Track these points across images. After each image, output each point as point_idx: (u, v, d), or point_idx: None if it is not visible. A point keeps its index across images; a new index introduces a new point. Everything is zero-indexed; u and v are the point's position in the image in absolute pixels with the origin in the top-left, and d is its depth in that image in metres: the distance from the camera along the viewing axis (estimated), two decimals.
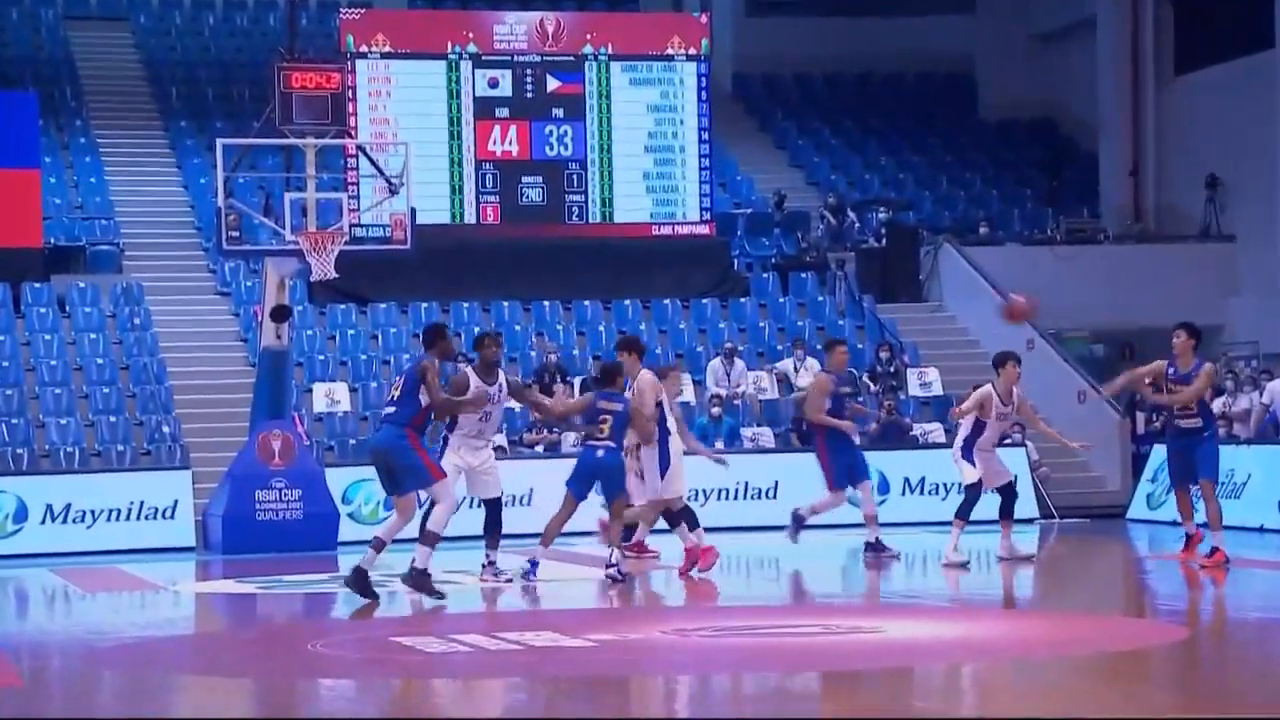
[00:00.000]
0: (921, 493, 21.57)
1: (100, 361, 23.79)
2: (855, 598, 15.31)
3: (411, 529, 14.12)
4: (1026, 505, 21.58)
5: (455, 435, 14.69)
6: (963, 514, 16.16)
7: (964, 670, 10.44)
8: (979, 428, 16.14)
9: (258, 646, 12.30)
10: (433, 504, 13.94)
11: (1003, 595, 15.05)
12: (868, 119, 32.08)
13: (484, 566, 15.08)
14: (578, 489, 15.22)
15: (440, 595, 13.83)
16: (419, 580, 13.81)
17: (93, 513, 20.18)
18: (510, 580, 14.92)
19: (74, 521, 20.13)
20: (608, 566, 15.03)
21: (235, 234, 20.60)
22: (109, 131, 29.25)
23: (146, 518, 20.27)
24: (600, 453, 15.00)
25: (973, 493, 16.19)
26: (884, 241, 27.62)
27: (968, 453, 16.20)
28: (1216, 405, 22.11)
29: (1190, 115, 28.83)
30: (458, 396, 14.27)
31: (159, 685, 10.43)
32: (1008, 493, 16.50)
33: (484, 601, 14.60)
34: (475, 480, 14.84)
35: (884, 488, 21.33)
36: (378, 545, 13.75)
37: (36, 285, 24.95)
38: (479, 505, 15.36)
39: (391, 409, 13.90)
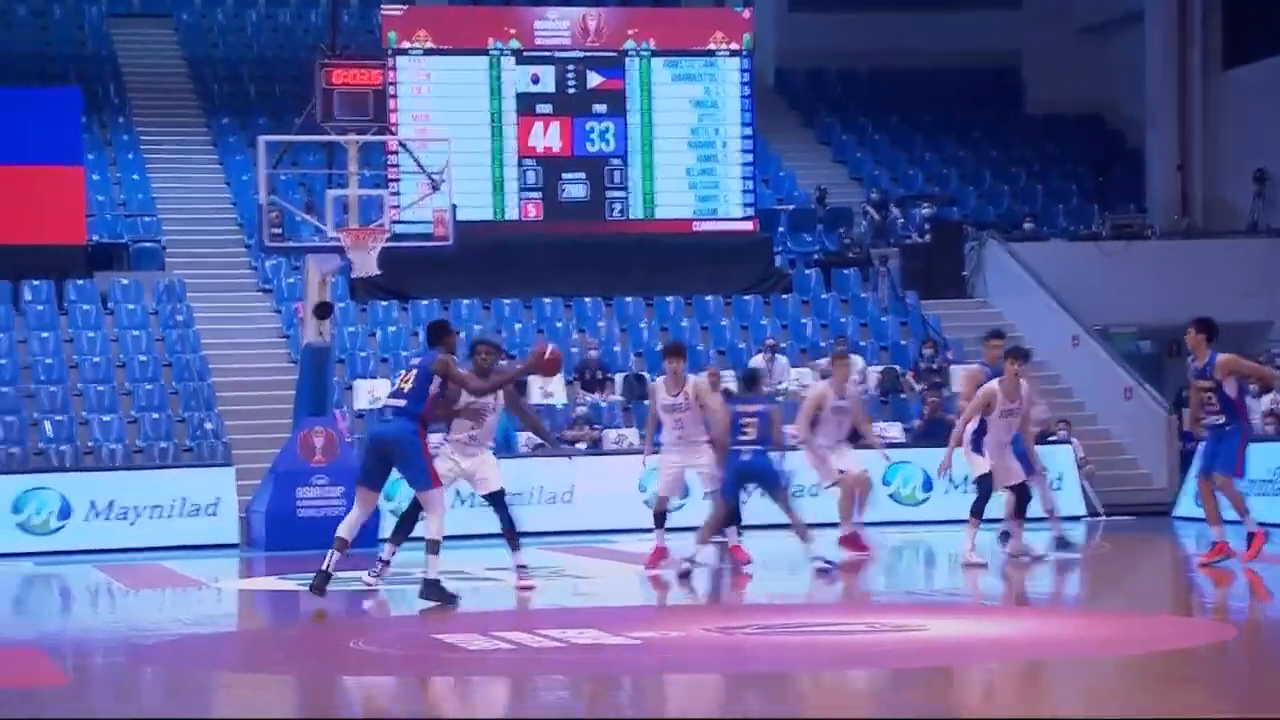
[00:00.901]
0: (966, 490, 21.46)
1: (143, 359, 23.93)
2: (901, 595, 15.28)
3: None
4: (1072, 502, 21.52)
5: (449, 441, 14.53)
6: (976, 511, 15.96)
7: (1009, 670, 10.40)
8: (985, 424, 15.90)
9: (300, 644, 12.35)
10: (415, 507, 13.92)
11: (1049, 594, 15.00)
12: (912, 114, 31.98)
13: (515, 571, 14.72)
14: (730, 492, 15.53)
15: (454, 597, 13.75)
16: (432, 590, 13.72)
17: (136, 509, 20.30)
18: (532, 586, 14.59)
19: (117, 518, 20.26)
20: (814, 557, 15.31)
21: (277, 231, 20.68)
22: (152, 128, 29.40)
23: (189, 514, 20.38)
24: (747, 456, 15.29)
25: (984, 486, 16.03)
26: (928, 237, 27.55)
27: (977, 446, 16.00)
28: (1265, 402, 21.99)
29: (1238, 109, 28.65)
30: (450, 403, 14.18)
31: (202, 683, 10.49)
32: (1019, 492, 16.25)
33: (525, 600, 14.62)
34: (473, 482, 14.75)
35: (927, 485, 21.30)
36: (434, 548, 13.69)
37: (80, 282, 25.10)
38: (472, 504, 15.27)
39: (401, 401, 13.71)
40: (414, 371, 13.89)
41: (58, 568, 18.56)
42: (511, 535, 14.65)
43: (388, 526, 19.74)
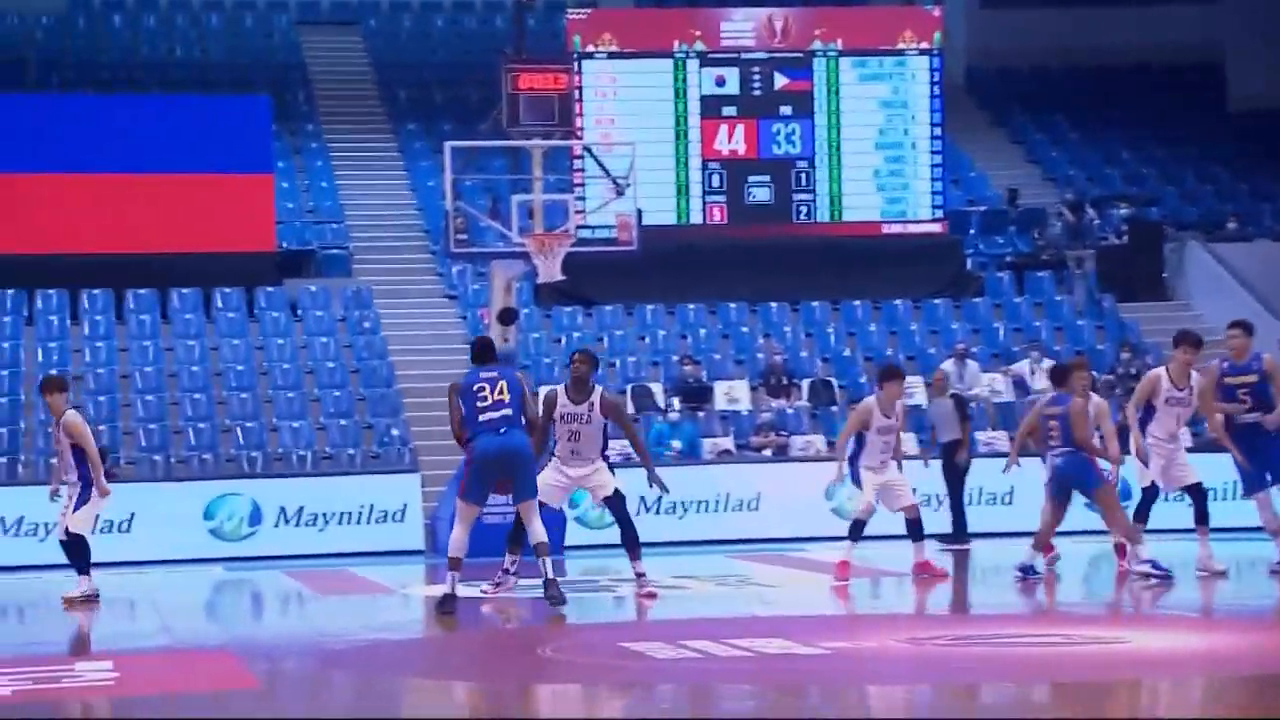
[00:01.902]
0: (1167, 498, 21.05)
1: (331, 365, 24.36)
2: (1096, 606, 15.03)
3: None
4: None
5: (555, 454, 14.53)
6: (1139, 517, 15.46)
7: (1207, 684, 10.18)
8: (1151, 413, 15.26)
9: (487, 651, 12.48)
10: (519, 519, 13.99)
11: (1254, 606, 14.65)
12: (1108, 111, 31.49)
13: (636, 579, 14.55)
14: (1056, 494, 15.32)
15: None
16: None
17: (324, 516, 20.66)
18: (654, 594, 14.41)
19: (306, 524, 20.64)
20: (1139, 563, 15.10)
21: (463, 236, 20.95)
22: (339, 135, 29.94)
23: (376, 521, 20.70)
24: (1059, 460, 15.11)
25: (1146, 495, 15.59)
26: (1125, 239, 27.14)
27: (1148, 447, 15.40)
28: None
29: None
30: (546, 414, 14.20)
31: (390, 688, 10.63)
32: (1196, 495, 15.50)
33: (711, 608, 14.63)
34: (588, 489, 14.68)
35: (1125, 494, 20.90)
36: (543, 550, 13.83)
37: (269, 289, 25.62)
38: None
39: (509, 411, 13.66)
40: (503, 382, 13.77)
41: (248, 573, 18.95)
42: (633, 544, 14.49)
43: (573, 534, 19.95)
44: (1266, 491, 15.22)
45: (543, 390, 16.41)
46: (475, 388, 13.81)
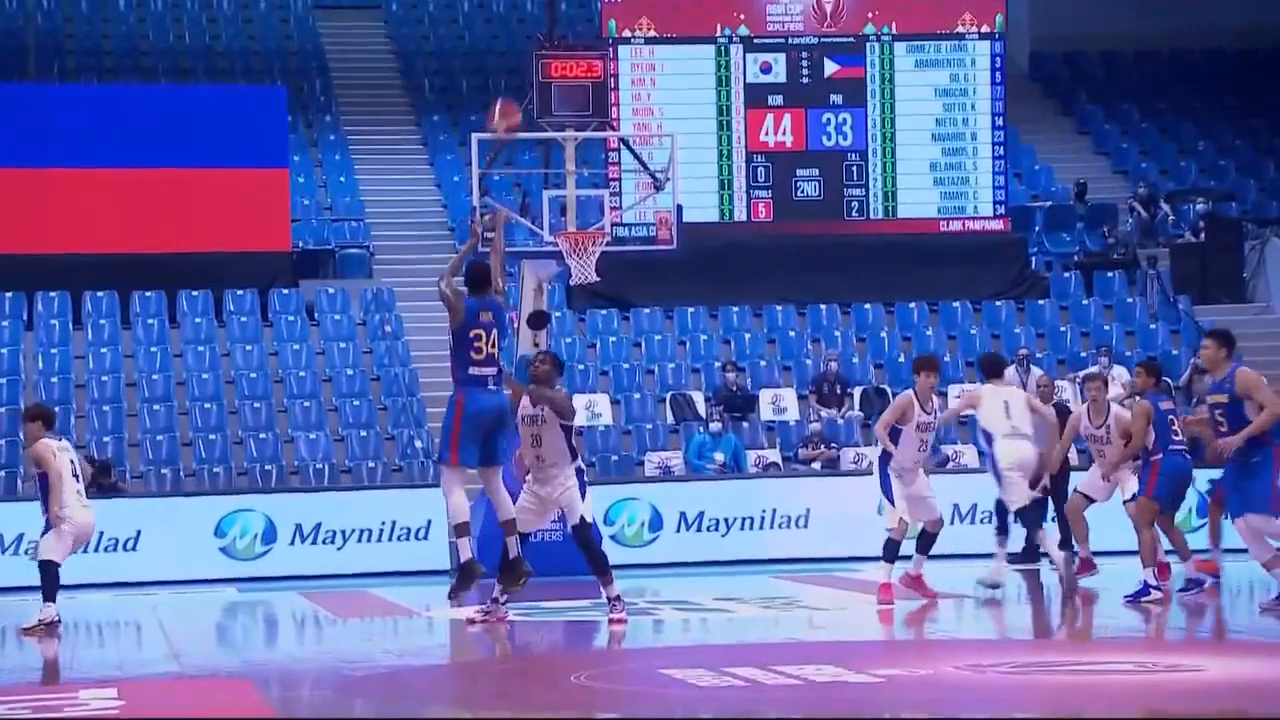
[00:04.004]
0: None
1: (350, 372, 24.42)
2: (1171, 632, 14.96)
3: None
4: None
5: (527, 477, 14.61)
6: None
7: None
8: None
9: (518, 678, 12.48)
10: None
11: None
12: (1183, 99, 31.38)
13: (611, 603, 14.47)
14: (1165, 497, 15.67)
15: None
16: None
17: (343, 533, 20.71)
18: (624, 620, 14.36)
19: (324, 542, 20.69)
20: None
21: (490, 235, 20.95)
22: (359, 127, 30.04)
23: (399, 538, 20.74)
24: (1185, 458, 15.62)
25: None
26: (1202, 236, 27.05)
27: None
28: None
29: None
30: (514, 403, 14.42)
31: (414, 718, 10.64)
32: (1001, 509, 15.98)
33: (756, 632, 14.61)
34: (552, 509, 14.66)
35: (1202, 510, 20.78)
36: (511, 528, 14.25)
37: (285, 291, 25.69)
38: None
39: (499, 368, 14.16)
40: (495, 332, 14.14)
41: (262, 594, 19.00)
42: (601, 570, 14.45)
43: (608, 553, 19.92)
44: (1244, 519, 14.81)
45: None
46: (473, 334, 14.08)
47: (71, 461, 15.53)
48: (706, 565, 19.53)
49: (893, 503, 15.77)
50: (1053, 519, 17.59)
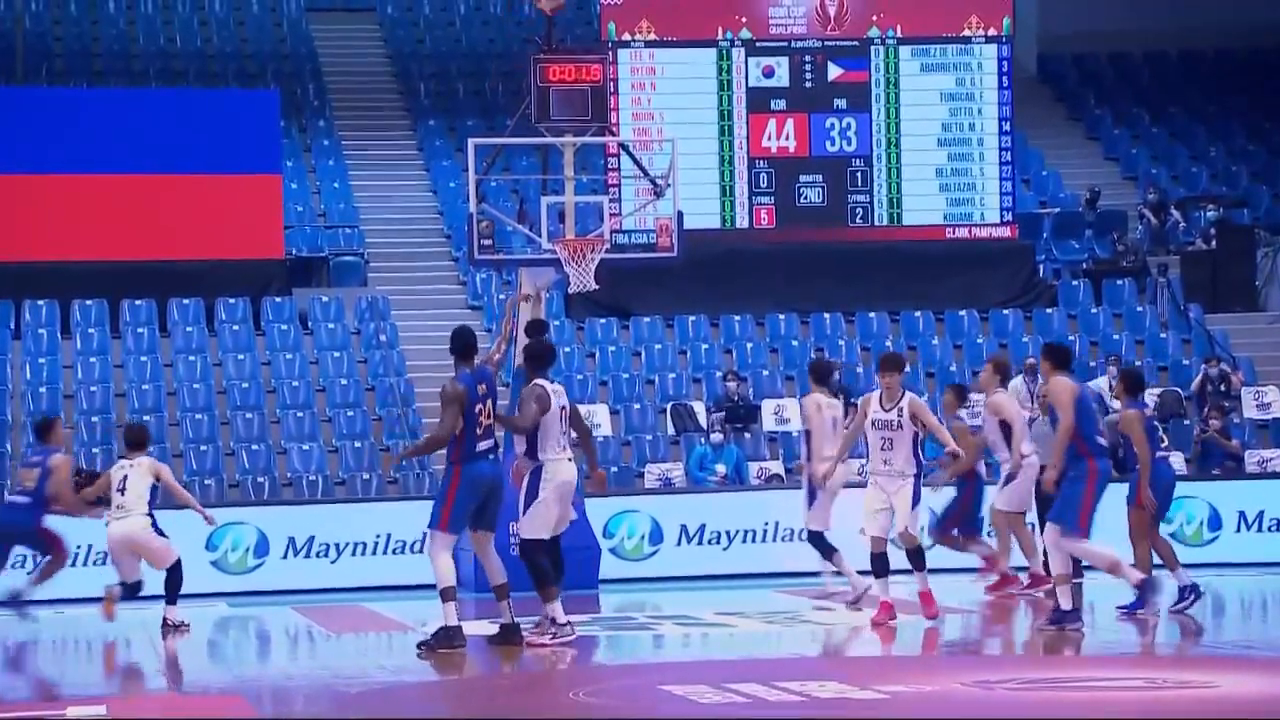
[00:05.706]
0: (1260, 529, 21.02)
1: (344, 382, 24.44)
2: (1181, 647, 14.98)
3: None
4: None
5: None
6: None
7: None
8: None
9: (516, 694, 12.51)
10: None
11: None
12: (1195, 104, 31.41)
13: (545, 622, 14.43)
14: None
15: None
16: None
17: (337, 546, 20.72)
18: (542, 646, 14.25)
19: (317, 555, 20.69)
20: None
21: (487, 242, 20.97)
22: (353, 132, 30.08)
23: (394, 552, 20.74)
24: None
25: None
26: (1214, 243, 27.07)
27: None
28: None
29: None
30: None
31: None
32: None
33: (759, 647, 14.63)
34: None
35: (1215, 523, 20.85)
36: (503, 593, 14.17)
37: (277, 300, 25.72)
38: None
39: (496, 439, 14.14)
40: (490, 401, 14.08)
41: (254, 609, 19.02)
42: (539, 585, 14.34)
43: (607, 567, 19.95)
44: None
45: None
46: (476, 408, 14.01)
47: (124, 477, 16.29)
48: (708, 579, 19.52)
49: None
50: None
